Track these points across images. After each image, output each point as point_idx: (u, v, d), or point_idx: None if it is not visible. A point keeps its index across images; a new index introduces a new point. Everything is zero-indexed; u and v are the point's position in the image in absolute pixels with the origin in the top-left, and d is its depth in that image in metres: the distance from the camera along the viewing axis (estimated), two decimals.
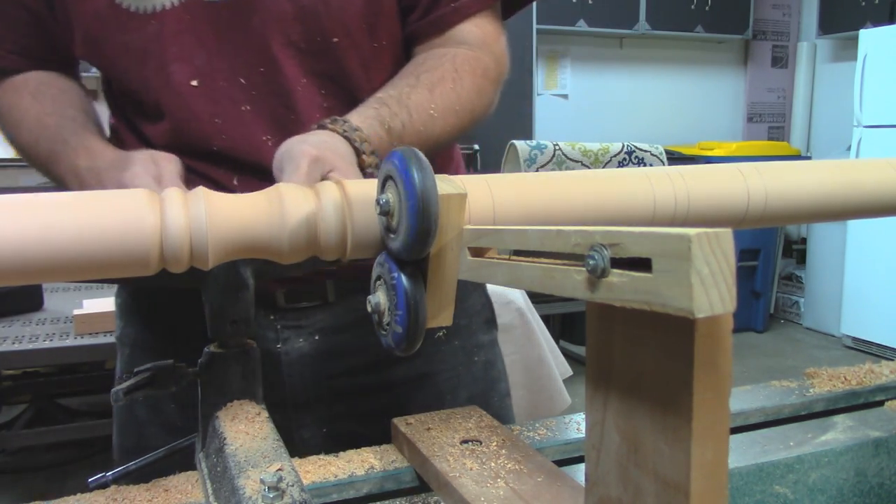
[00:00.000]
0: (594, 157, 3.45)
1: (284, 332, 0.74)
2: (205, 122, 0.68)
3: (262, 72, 0.68)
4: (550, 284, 0.31)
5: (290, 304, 0.74)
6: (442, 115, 0.66)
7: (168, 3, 0.66)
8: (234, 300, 0.57)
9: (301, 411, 0.76)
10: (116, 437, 0.82)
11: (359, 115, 0.61)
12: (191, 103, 0.68)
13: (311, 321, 0.75)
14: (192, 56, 0.67)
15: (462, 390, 0.82)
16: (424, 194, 0.38)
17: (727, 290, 0.24)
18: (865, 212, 0.58)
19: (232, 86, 0.68)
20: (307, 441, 0.76)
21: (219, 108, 0.68)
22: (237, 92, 0.68)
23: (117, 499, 0.52)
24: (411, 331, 0.42)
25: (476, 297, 0.85)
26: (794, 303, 4.48)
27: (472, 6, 0.72)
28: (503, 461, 0.52)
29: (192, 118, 0.69)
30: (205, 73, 0.68)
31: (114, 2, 0.66)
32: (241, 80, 0.68)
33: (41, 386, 2.71)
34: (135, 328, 0.80)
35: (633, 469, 0.31)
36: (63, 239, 0.39)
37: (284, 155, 0.53)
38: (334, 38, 0.68)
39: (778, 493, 0.58)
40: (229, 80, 0.68)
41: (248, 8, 0.66)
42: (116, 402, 0.53)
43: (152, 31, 0.67)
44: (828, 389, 0.71)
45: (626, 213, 0.50)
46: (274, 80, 0.68)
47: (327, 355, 0.76)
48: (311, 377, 0.75)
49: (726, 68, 4.85)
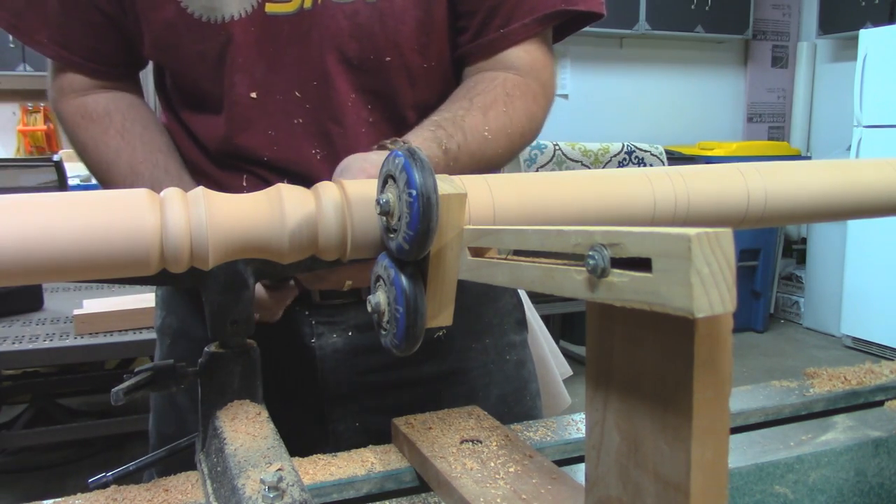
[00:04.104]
0: (594, 157, 3.45)
1: (319, 327, 0.76)
2: (259, 133, 0.71)
3: (315, 86, 0.70)
4: (550, 284, 0.31)
5: (324, 301, 0.76)
6: (495, 138, 0.68)
7: (237, 14, 0.68)
8: (235, 300, 0.57)
9: (335, 405, 0.78)
10: (154, 424, 0.85)
11: (417, 136, 0.63)
12: (248, 114, 0.71)
13: (345, 317, 0.77)
14: (253, 68, 0.70)
15: (493, 388, 0.83)
16: (425, 194, 0.38)
17: (727, 290, 0.24)
18: (865, 212, 0.58)
19: (287, 99, 0.71)
20: (340, 434, 0.78)
21: (273, 120, 0.71)
22: (292, 105, 0.71)
23: (117, 499, 0.52)
24: (411, 330, 0.42)
25: (508, 297, 0.87)
26: (794, 303, 4.48)
27: (520, 33, 0.72)
28: (503, 461, 0.52)
29: (249, 128, 0.71)
30: (264, 86, 0.70)
31: (185, 11, 0.68)
32: (297, 94, 0.70)
33: (41, 386, 2.71)
34: (176, 317, 0.82)
35: (633, 469, 0.31)
36: (63, 239, 0.39)
37: (344, 171, 0.55)
38: (387, 56, 0.70)
39: (778, 493, 0.58)
40: (285, 94, 0.70)
41: (308, 23, 0.69)
42: (117, 402, 0.53)
43: (221, 41, 0.69)
44: (828, 389, 0.71)
45: (626, 213, 0.50)
46: (326, 95, 0.71)
47: (360, 351, 0.77)
48: (345, 372, 0.77)
49: (726, 68, 4.85)
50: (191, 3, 0.68)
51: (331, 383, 0.77)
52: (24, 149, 3.65)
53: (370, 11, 0.69)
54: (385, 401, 0.79)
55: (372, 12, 0.69)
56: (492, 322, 0.84)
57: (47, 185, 2.94)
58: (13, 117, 3.67)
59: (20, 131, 3.64)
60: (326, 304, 0.76)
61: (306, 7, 0.68)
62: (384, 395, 0.79)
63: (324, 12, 0.68)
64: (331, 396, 0.78)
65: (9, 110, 3.66)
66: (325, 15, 0.68)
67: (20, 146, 3.67)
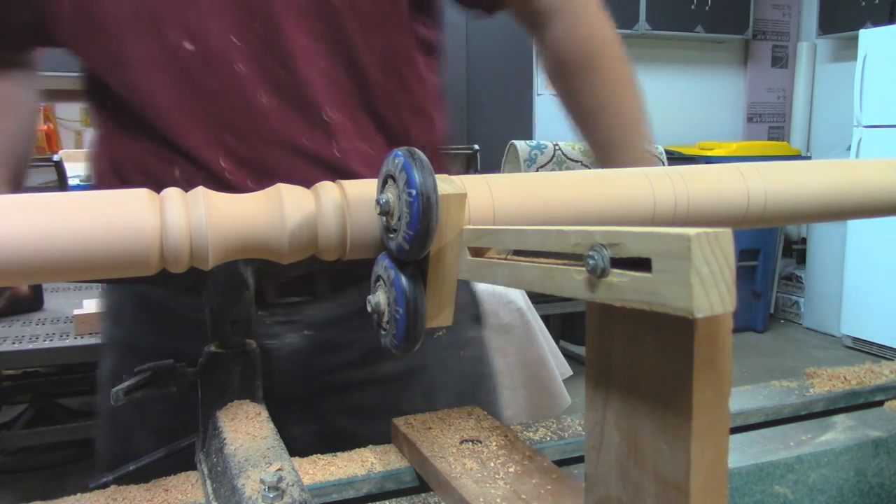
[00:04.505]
0: (594, 157, 3.45)
1: (275, 327, 0.73)
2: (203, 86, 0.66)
3: (257, 29, 0.66)
4: (550, 284, 0.31)
5: (280, 300, 0.73)
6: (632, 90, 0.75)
7: None
8: (235, 300, 0.57)
9: (292, 408, 0.74)
10: (103, 442, 0.79)
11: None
12: (186, 67, 0.66)
13: (302, 316, 0.74)
14: (185, 15, 0.65)
15: (452, 385, 0.81)
16: (424, 194, 0.38)
17: (727, 289, 0.24)
18: (865, 212, 0.58)
19: (225, 45, 0.66)
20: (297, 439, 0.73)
21: (213, 69, 0.66)
22: (232, 52, 0.66)
23: (117, 499, 0.52)
24: (411, 331, 0.42)
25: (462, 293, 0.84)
26: (794, 303, 4.48)
27: None
28: (503, 461, 0.52)
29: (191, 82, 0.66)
30: (198, 35, 0.65)
31: None
32: (234, 40, 0.66)
33: (41, 386, 2.71)
34: (123, 329, 0.79)
35: (633, 469, 0.31)
36: (63, 239, 0.39)
37: None
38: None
39: (778, 493, 0.58)
40: (222, 40, 0.66)
41: None
42: (117, 402, 0.53)
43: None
44: (828, 389, 0.71)
45: (626, 213, 0.50)
46: (271, 40, 0.66)
47: (318, 350, 0.74)
48: (303, 372, 0.74)
49: (726, 68, 4.85)
50: None
51: (287, 385, 0.74)
52: None
53: None
54: (343, 402, 0.76)
55: None
56: None
57: (47, 185, 2.94)
58: None
59: None
60: (282, 302, 0.73)
61: None
62: (342, 396, 0.76)
63: None
64: (287, 399, 0.74)
65: None
66: None
67: None
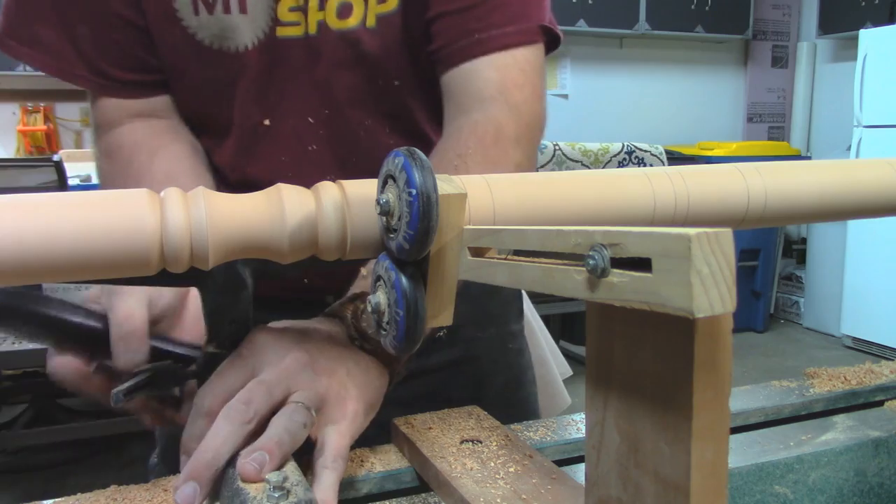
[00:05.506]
0: (594, 157, 3.46)
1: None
2: (272, 160, 0.70)
3: (327, 114, 0.69)
4: (550, 284, 0.31)
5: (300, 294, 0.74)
6: None
7: (250, 44, 0.67)
8: (234, 300, 0.56)
9: None
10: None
11: None
12: (260, 140, 0.70)
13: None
14: (266, 94, 0.68)
15: (499, 376, 0.84)
16: (424, 193, 0.38)
17: (727, 289, 0.24)
18: (865, 212, 0.58)
19: (300, 125, 0.70)
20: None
21: (285, 146, 0.70)
22: (305, 131, 0.70)
23: (117, 499, 0.52)
24: (411, 331, 0.42)
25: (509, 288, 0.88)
26: (794, 303, 4.48)
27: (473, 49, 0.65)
28: (503, 461, 0.52)
29: (260, 155, 0.70)
30: (276, 112, 0.69)
31: (193, 37, 0.67)
32: (310, 120, 0.70)
33: (41, 386, 2.71)
34: None
35: (633, 469, 0.31)
36: (63, 239, 0.39)
37: None
38: (395, 81, 0.69)
39: (778, 493, 0.58)
40: (297, 120, 0.69)
41: (315, 50, 0.67)
42: (117, 402, 0.53)
43: (234, 69, 0.67)
44: (828, 389, 0.71)
45: (626, 213, 0.50)
46: (338, 123, 0.70)
47: None
48: None
49: (726, 68, 4.85)
50: (200, 30, 0.66)
51: None
52: (24, 149, 3.65)
53: (370, 38, 0.67)
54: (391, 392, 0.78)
55: (372, 38, 0.67)
56: (495, 312, 0.86)
57: (47, 185, 2.94)
58: (13, 117, 3.66)
59: (20, 131, 3.64)
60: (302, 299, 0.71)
61: (311, 33, 0.67)
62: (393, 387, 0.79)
63: (328, 39, 0.67)
64: None
65: (9, 110, 3.66)
66: (328, 42, 0.67)
67: (20, 146, 3.67)
